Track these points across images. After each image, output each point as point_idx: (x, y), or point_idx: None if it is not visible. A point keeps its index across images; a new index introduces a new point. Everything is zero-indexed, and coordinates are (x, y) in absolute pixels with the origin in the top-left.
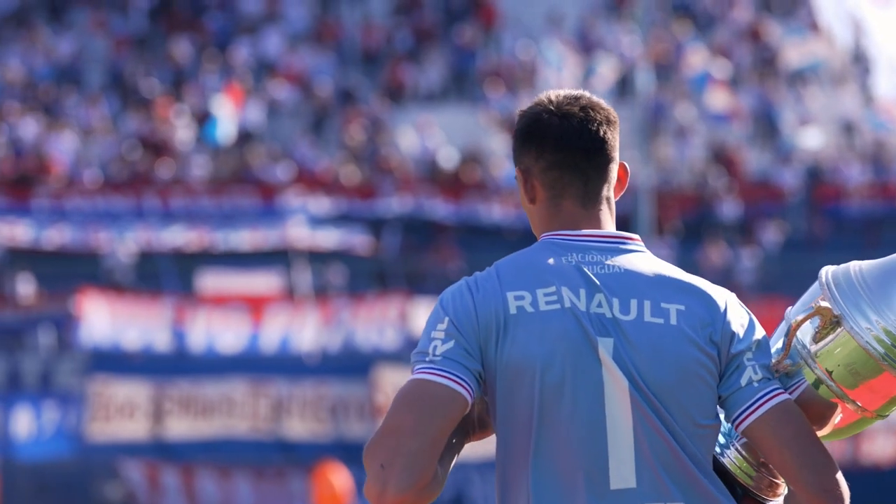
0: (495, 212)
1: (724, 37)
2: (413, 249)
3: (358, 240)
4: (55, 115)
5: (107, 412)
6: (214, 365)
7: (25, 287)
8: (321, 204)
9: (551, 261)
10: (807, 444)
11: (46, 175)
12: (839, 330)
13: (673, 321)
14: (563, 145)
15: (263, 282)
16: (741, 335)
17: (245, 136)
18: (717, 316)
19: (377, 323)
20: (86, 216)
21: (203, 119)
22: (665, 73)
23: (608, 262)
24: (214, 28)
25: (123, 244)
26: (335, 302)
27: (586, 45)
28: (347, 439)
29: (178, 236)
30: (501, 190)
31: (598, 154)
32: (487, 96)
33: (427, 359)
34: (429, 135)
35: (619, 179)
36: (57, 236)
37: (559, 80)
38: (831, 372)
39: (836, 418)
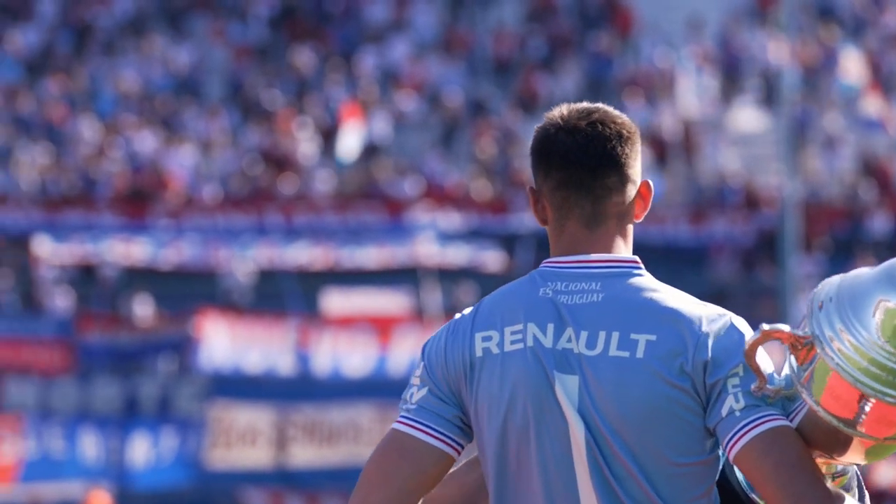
0: (635, 227)
1: (873, 42)
2: None
3: (489, 257)
4: (173, 129)
5: (227, 439)
6: (340, 389)
7: (143, 308)
8: (451, 220)
9: (528, 294)
10: (791, 474)
11: (164, 191)
12: (817, 352)
13: (639, 354)
14: (567, 162)
15: (391, 301)
16: (720, 362)
17: (371, 150)
18: (690, 344)
19: None
20: (205, 234)
21: (327, 132)
22: (812, 81)
23: (592, 290)
24: (339, 37)
25: (243, 263)
26: None
27: (728, 52)
28: None
29: (302, 254)
30: None
31: (606, 172)
32: (625, 106)
33: (404, 407)
34: None
35: (640, 197)
36: (175, 255)
37: (699, 89)
38: (819, 398)
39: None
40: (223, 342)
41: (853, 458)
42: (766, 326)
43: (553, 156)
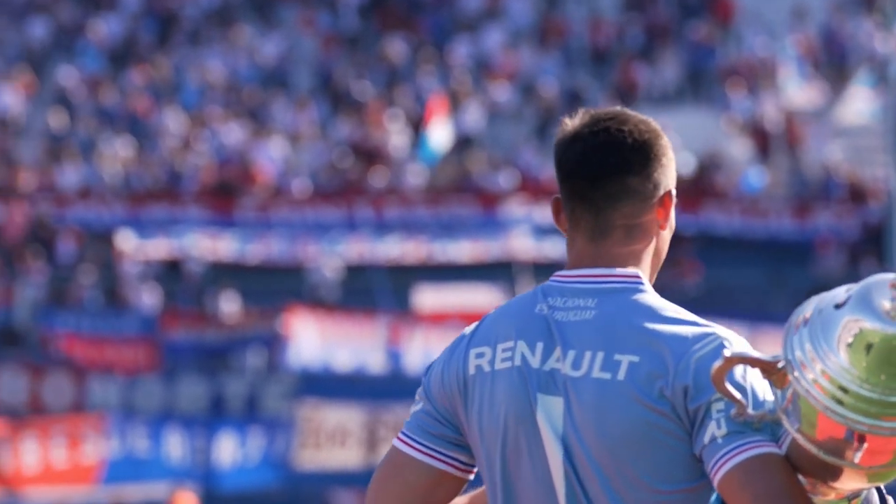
0: (736, 221)
1: None
2: None
3: None
4: (260, 121)
5: (317, 439)
6: None
7: (229, 305)
8: (547, 213)
9: (525, 310)
10: None
11: (251, 184)
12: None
13: (621, 376)
14: (570, 173)
15: (485, 297)
16: (702, 386)
17: (464, 142)
18: (671, 367)
19: None
20: (293, 228)
21: (419, 124)
22: None
23: (586, 307)
24: (431, 25)
25: (331, 258)
26: None
27: (833, 42)
28: None
29: (393, 249)
30: (743, 198)
31: (605, 181)
32: (726, 97)
33: (406, 420)
34: None
35: (660, 206)
36: (262, 250)
37: (802, 79)
38: (800, 425)
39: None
40: (312, 340)
41: (852, 483)
42: (727, 352)
43: (559, 167)
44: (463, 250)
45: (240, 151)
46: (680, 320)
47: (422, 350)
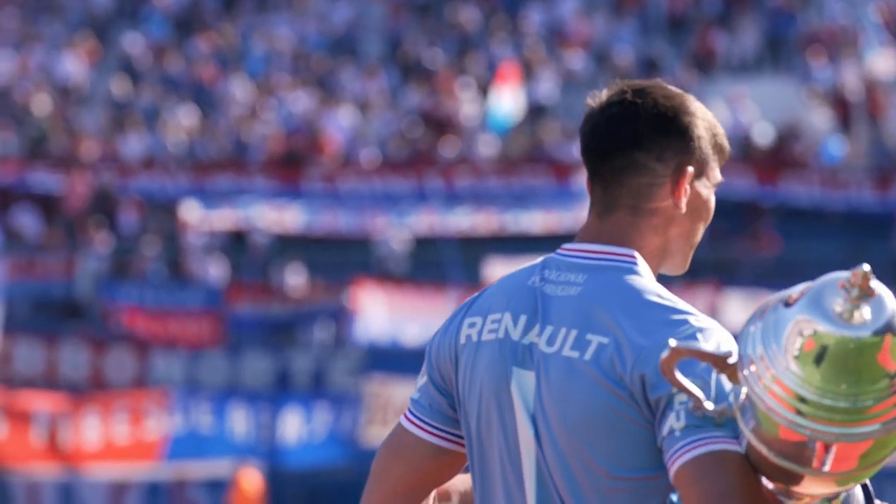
0: (816, 193)
1: None
2: (723, 235)
3: None
4: (329, 89)
5: (384, 415)
6: None
7: (295, 278)
8: None
9: (520, 281)
10: None
11: (319, 154)
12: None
13: (587, 356)
14: (584, 147)
15: None
16: (662, 377)
17: (537, 111)
18: (633, 353)
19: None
20: (361, 199)
21: (490, 93)
22: None
23: (575, 282)
24: None
25: (400, 230)
26: None
27: None
28: None
29: (463, 221)
30: (823, 168)
31: (613, 155)
32: (807, 65)
33: (412, 395)
34: (741, 108)
35: (673, 184)
36: (330, 221)
37: (883, 48)
38: (755, 424)
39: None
40: (380, 313)
41: (816, 489)
42: (673, 343)
43: (581, 139)
44: (535, 222)
45: (307, 120)
46: (658, 305)
47: None
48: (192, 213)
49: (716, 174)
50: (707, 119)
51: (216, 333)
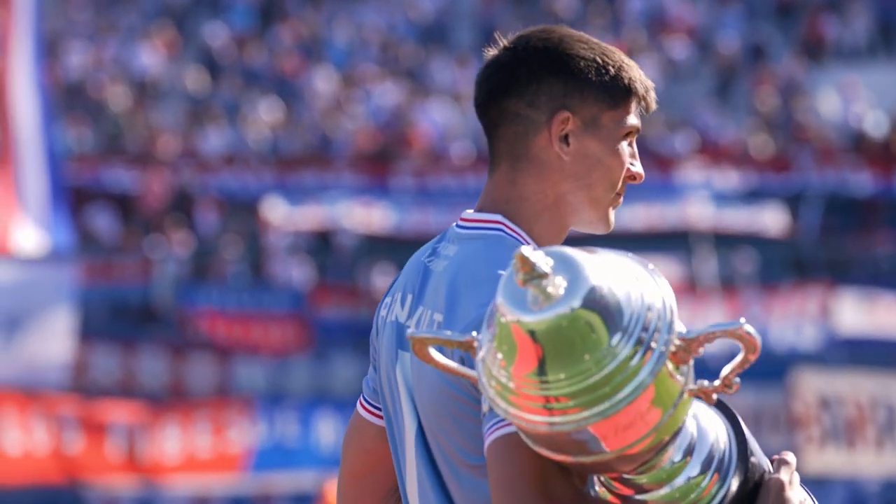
0: None
1: None
2: (836, 231)
3: (770, 220)
4: (419, 80)
5: None
6: None
7: (384, 280)
8: (727, 178)
9: (418, 257)
10: (500, 495)
11: (408, 149)
12: None
13: None
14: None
15: (660, 269)
16: None
17: None
18: (457, 329)
19: (794, 318)
20: (454, 196)
21: None
22: None
23: (448, 256)
24: None
25: None
26: (744, 293)
27: None
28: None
29: None
30: None
31: (488, 107)
32: None
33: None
34: (854, 98)
35: (548, 131)
36: (420, 220)
37: None
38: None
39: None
40: None
41: (620, 466)
42: (410, 332)
43: None
44: (637, 218)
45: (396, 114)
46: (489, 279)
47: None
48: (274, 211)
49: (623, 121)
50: (603, 60)
51: (301, 339)
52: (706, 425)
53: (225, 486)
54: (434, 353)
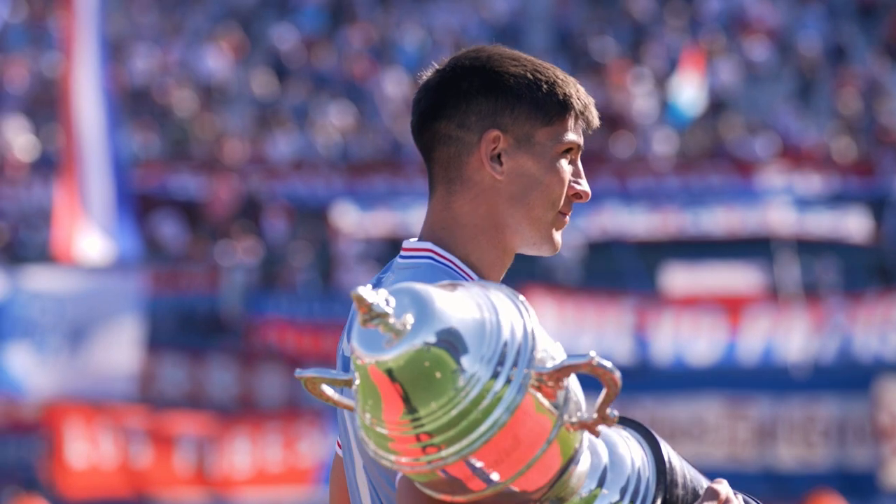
0: None
1: None
2: None
3: (854, 226)
4: None
5: None
6: (683, 380)
7: None
8: (809, 183)
9: None
10: None
11: None
12: None
13: None
14: None
15: (740, 277)
16: None
17: (717, 105)
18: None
19: (879, 327)
20: None
21: (667, 86)
22: None
23: (388, 286)
24: None
25: (570, 236)
26: (828, 302)
27: None
28: (846, 467)
29: (640, 223)
30: None
31: (422, 132)
32: None
33: None
34: None
35: (479, 151)
36: None
37: None
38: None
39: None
40: (550, 326)
41: (528, 485)
42: (297, 371)
43: None
44: (716, 222)
45: None
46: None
47: (671, 337)
48: (345, 218)
49: (559, 138)
50: (534, 76)
51: None
52: (623, 453)
53: (295, 500)
54: (328, 391)
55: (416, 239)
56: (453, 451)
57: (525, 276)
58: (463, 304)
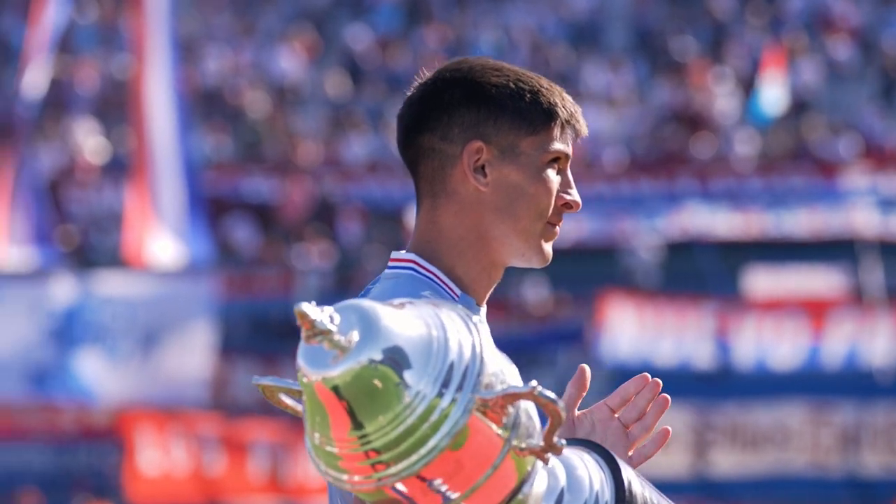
0: None
1: None
2: None
3: None
4: (570, 84)
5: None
6: (765, 385)
7: (536, 292)
8: (894, 184)
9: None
10: None
11: None
12: None
13: None
14: None
15: (823, 280)
16: None
17: (799, 105)
18: None
19: None
20: (607, 204)
21: (749, 86)
22: None
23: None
24: None
25: (650, 237)
26: None
27: None
28: None
29: (721, 225)
30: None
31: (405, 147)
32: None
33: None
34: None
35: (462, 163)
36: (573, 229)
37: None
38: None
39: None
40: (629, 330)
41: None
42: (254, 379)
43: None
44: (799, 224)
45: None
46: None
47: (754, 342)
48: None
49: (545, 147)
50: (517, 86)
51: None
52: (582, 475)
53: None
54: (287, 401)
55: (404, 251)
56: (402, 467)
57: (604, 280)
58: (411, 323)
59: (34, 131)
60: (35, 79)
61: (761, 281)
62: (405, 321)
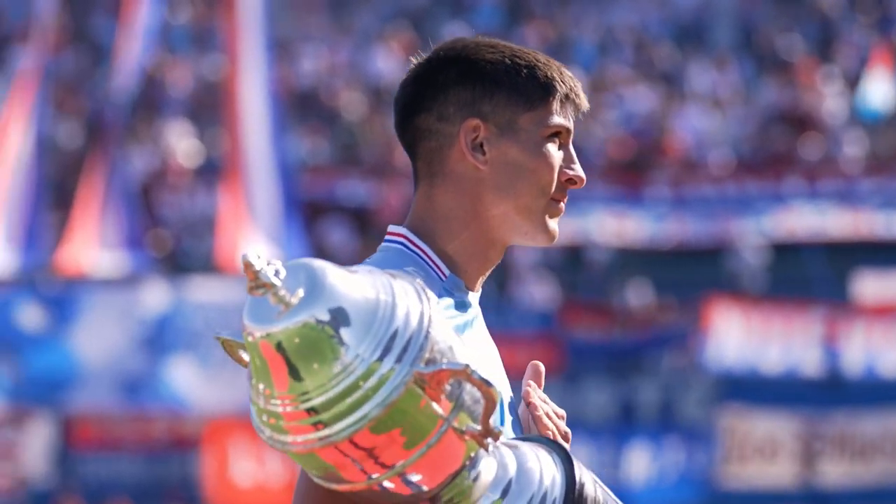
0: None
1: None
2: None
3: None
4: (674, 84)
5: (742, 452)
6: (875, 393)
7: (639, 297)
8: None
9: None
10: None
11: (664, 157)
12: None
13: None
14: None
15: None
16: None
17: None
18: None
19: None
20: (713, 206)
21: (856, 85)
22: None
23: None
24: None
25: (756, 240)
26: None
27: None
28: None
29: (829, 227)
30: None
31: (403, 128)
32: None
33: None
34: None
35: (459, 143)
36: (677, 231)
37: None
38: None
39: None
40: (736, 336)
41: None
42: (216, 332)
43: None
44: None
45: (650, 119)
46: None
47: (863, 349)
48: None
49: (544, 122)
50: (513, 61)
51: (551, 361)
52: (533, 467)
53: None
54: (245, 356)
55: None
56: (340, 427)
57: (709, 283)
58: (360, 287)
59: (126, 133)
60: (127, 80)
61: (871, 285)
62: (354, 284)
